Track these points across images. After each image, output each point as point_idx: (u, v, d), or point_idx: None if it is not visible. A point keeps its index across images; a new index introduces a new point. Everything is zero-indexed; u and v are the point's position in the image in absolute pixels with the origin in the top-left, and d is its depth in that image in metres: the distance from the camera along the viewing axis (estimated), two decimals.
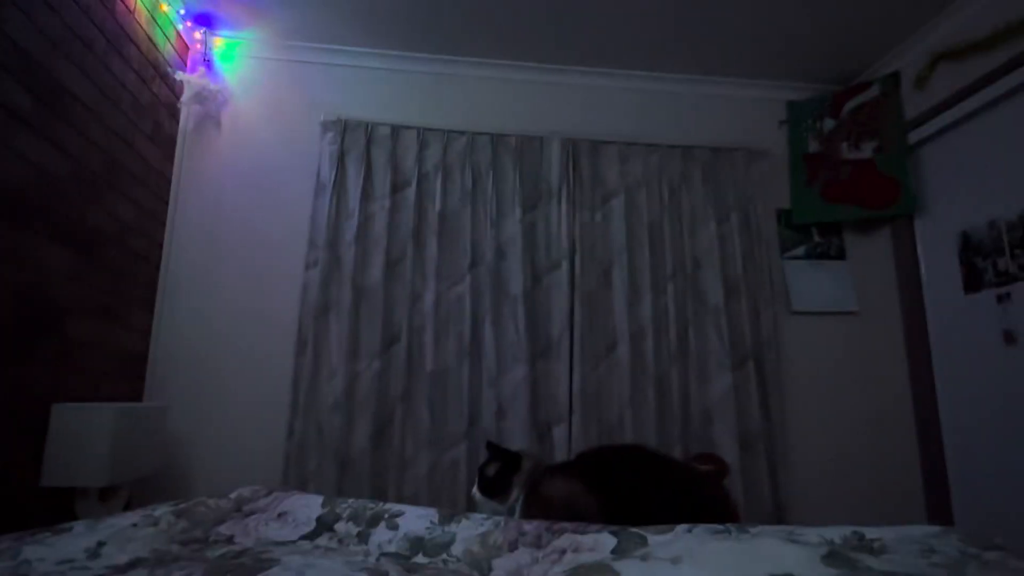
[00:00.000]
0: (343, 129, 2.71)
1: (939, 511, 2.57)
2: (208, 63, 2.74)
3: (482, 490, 1.59)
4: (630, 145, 2.86)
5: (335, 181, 2.65)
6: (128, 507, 2.33)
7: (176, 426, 2.48)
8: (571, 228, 2.73)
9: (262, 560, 0.95)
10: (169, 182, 2.65)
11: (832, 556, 0.83)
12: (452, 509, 2.36)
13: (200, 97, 2.63)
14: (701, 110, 3.03)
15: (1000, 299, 2.35)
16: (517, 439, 2.48)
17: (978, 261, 2.45)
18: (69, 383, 1.99)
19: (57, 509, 1.89)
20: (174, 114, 2.67)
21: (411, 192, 2.69)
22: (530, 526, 1.13)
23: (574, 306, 2.65)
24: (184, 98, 2.61)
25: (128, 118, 2.29)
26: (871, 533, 0.93)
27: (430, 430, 2.49)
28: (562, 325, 2.63)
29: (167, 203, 2.64)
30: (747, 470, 2.56)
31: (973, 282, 2.48)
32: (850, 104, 2.91)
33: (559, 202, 2.75)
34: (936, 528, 0.94)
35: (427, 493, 2.43)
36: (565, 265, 2.68)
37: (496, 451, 1.65)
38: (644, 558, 0.90)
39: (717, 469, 2.16)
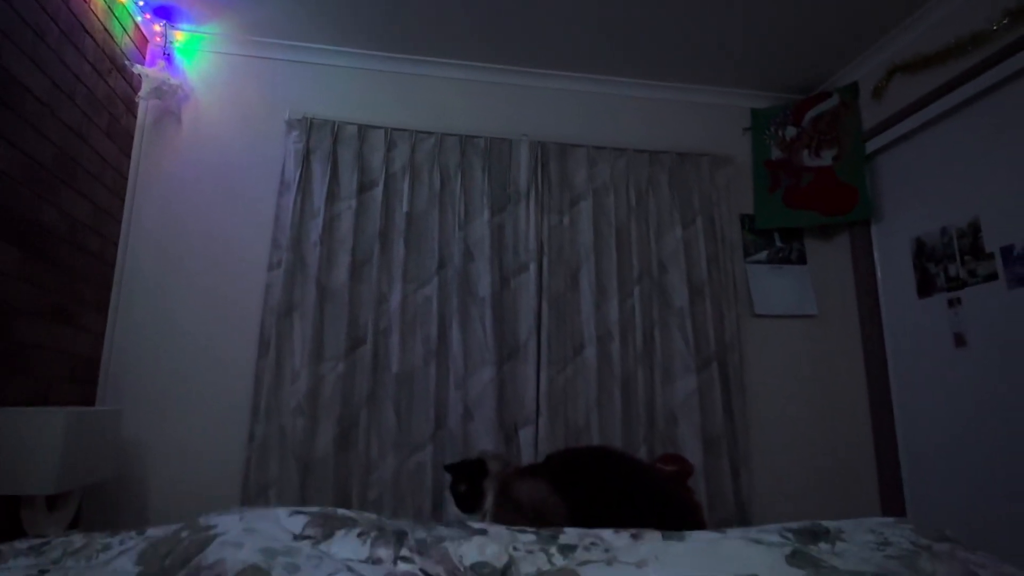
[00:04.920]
0: (308, 128, 2.67)
1: (893, 506, 2.65)
2: (168, 57, 2.66)
3: (461, 509, 1.63)
4: (598, 149, 2.88)
5: (300, 180, 2.61)
6: (79, 515, 2.24)
7: (131, 431, 2.40)
8: (539, 230, 2.73)
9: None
10: (126, 179, 2.57)
11: (796, 556, 0.84)
12: (418, 514, 2.37)
13: (159, 92, 2.55)
14: (668, 116, 3.07)
15: (951, 303, 2.43)
16: (484, 441, 2.47)
17: (931, 267, 2.54)
18: (16, 387, 1.91)
19: (1, 519, 1.81)
20: (132, 109, 2.59)
21: (378, 192, 2.66)
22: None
23: (541, 308, 2.66)
24: (142, 92, 2.53)
25: (83, 112, 2.21)
26: (828, 524, 0.97)
27: (396, 433, 2.46)
28: (529, 327, 2.63)
29: (123, 200, 2.55)
30: (710, 470, 2.60)
31: (926, 287, 2.56)
32: (811, 113, 2.99)
33: (527, 204, 2.75)
34: (889, 519, 0.98)
35: (392, 497, 2.40)
36: (533, 267, 2.68)
37: (458, 469, 1.67)
38: (609, 563, 0.90)
39: (682, 470, 2.20)
